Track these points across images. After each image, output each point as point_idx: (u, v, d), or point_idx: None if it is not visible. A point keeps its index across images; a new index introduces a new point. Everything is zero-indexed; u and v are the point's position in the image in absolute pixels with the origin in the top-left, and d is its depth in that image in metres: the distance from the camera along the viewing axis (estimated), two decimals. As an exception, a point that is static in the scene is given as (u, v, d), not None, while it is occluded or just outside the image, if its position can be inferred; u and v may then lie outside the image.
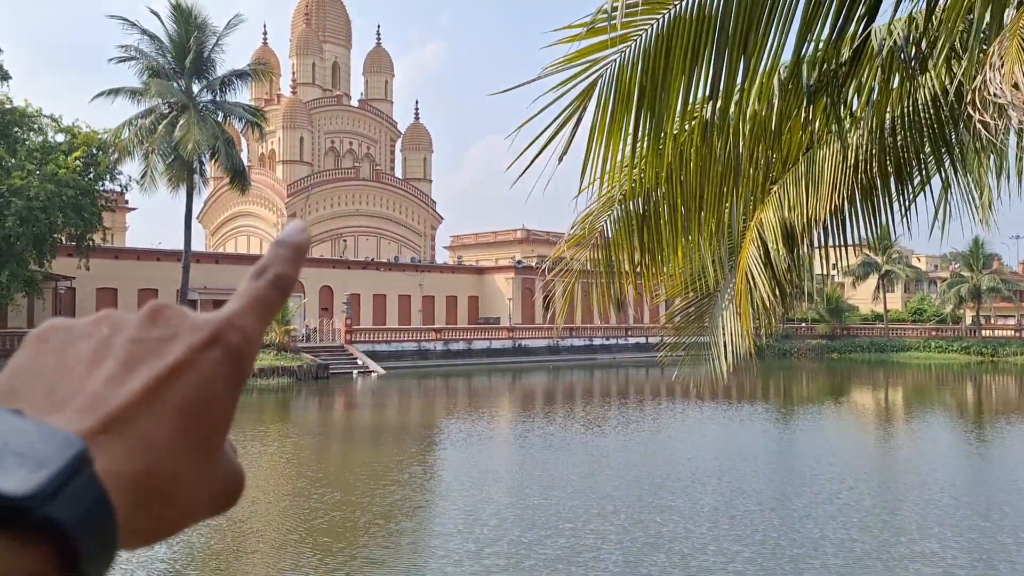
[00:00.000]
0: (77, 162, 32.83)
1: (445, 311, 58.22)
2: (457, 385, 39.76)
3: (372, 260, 59.00)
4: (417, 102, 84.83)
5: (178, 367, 0.37)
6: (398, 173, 75.80)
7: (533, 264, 61.19)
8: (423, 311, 56.72)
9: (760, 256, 4.86)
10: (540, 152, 3.52)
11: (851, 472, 16.51)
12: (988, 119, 3.04)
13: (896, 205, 4.54)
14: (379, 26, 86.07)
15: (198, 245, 55.75)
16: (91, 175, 34.14)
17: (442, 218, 76.51)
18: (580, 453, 18.90)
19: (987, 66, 2.99)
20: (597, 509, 12.90)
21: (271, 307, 0.41)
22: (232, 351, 0.39)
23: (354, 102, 74.82)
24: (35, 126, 33.59)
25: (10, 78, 32.78)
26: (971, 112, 3.09)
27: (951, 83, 3.86)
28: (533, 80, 3.37)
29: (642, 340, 56.49)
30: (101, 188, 35.23)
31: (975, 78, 3.15)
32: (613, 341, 57.52)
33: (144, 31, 36.40)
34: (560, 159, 3.54)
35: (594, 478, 15.58)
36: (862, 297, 68.82)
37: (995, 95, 2.93)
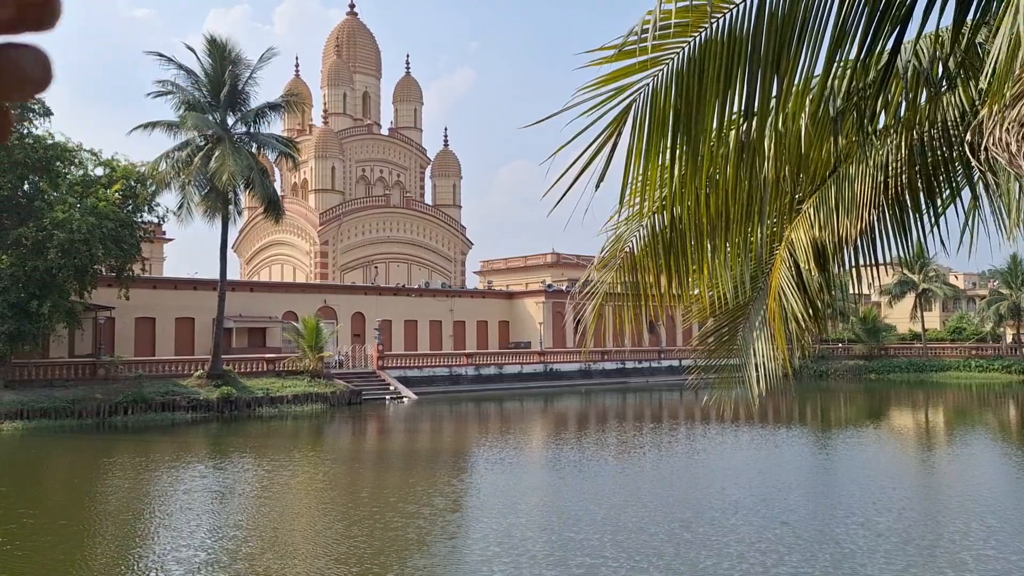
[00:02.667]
0: (116, 195, 33.64)
1: (476, 336, 58.30)
2: (488, 410, 39.65)
3: (403, 286, 59.40)
4: (446, 129, 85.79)
5: None
6: (428, 200, 76.46)
7: (563, 288, 61.10)
8: (454, 336, 56.86)
9: (792, 276, 4.82)
10: (577, 178, 3.52)
11: (896, 501, 15.93)
12: (985, 168, 3.02)
13: (927, 222, 4.49)
14: (408, 56, 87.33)
15: (233, 274, 56.56)
16: (130, 207, 34.93)
17: (472, 243, 76.91)
18: (611, 483, 18.53)
19: (992, 119, 2.96)
20: (628, 543, 12.45)
21: None
22: None
23: (384, 130, 75.81)
24: (76, 160, 34.50)
25: (52, 114, 33.80)
26: (968, 155, 3.06)
27: (980, 105, 3.83)
28: (562, 111, 3.38)
29: (675, 363, 55.95)
30: (140, 220, 36.01)
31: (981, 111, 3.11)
32: (646, 364, 57.05)
33: (180, 66, 37.33)
34: (597, 186, 3.53)
35: (626, 510, 15.05)
36: (899, 316, 67.56)
37: (995, 146, 2.89)
